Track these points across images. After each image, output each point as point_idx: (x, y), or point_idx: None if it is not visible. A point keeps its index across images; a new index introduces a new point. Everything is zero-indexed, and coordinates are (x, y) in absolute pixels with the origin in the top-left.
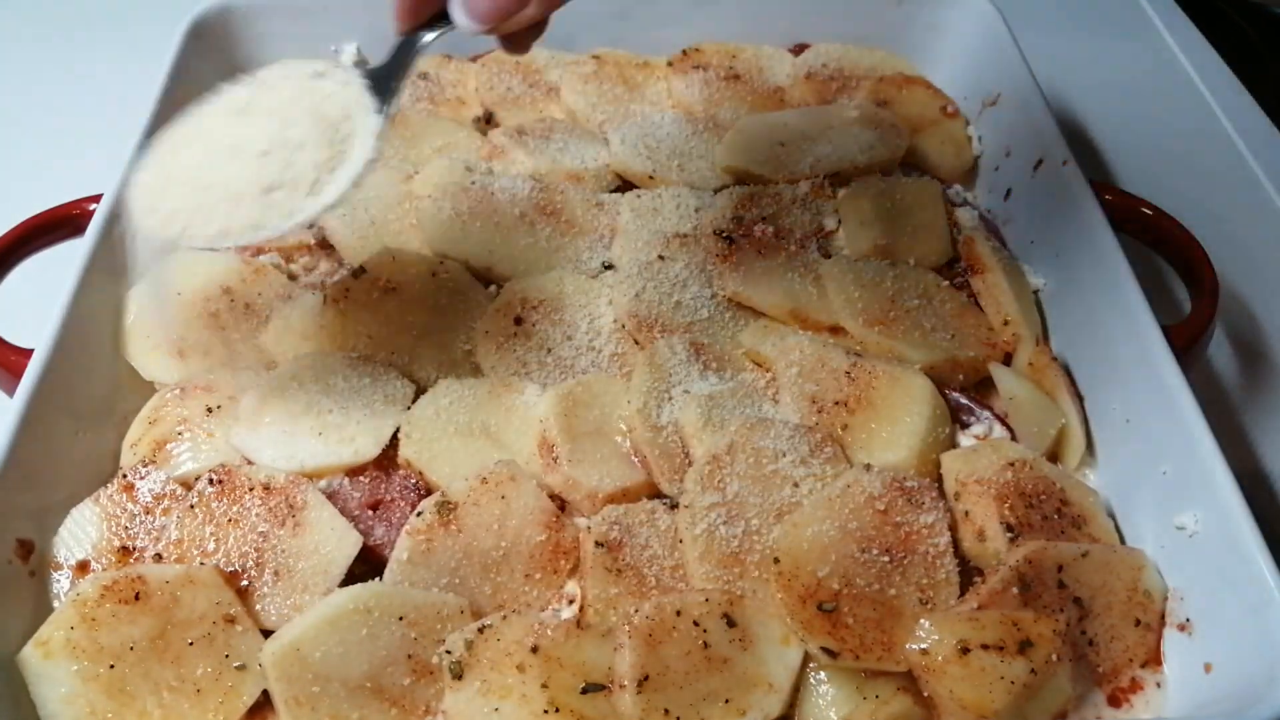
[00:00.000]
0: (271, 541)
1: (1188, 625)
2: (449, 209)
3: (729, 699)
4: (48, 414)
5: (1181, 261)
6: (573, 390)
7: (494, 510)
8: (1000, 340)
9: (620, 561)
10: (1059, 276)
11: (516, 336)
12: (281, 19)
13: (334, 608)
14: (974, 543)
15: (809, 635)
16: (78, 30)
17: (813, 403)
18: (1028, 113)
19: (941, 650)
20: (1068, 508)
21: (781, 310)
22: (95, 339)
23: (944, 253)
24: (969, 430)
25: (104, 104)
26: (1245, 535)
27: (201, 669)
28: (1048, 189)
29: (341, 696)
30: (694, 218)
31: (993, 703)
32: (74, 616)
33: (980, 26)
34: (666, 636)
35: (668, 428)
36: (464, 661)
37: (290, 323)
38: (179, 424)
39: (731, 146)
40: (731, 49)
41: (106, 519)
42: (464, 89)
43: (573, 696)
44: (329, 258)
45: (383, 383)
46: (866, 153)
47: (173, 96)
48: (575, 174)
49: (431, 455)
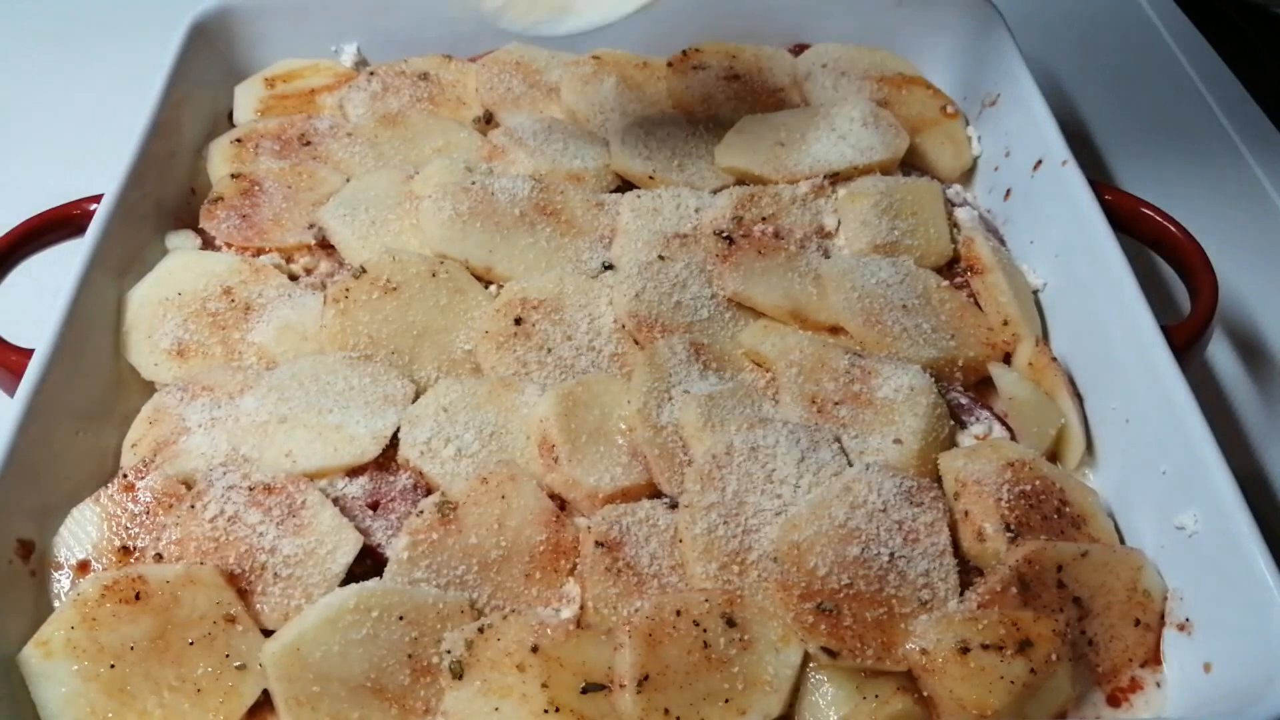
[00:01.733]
0: (272, 541)
1: (1187, 625)
2: (449, 209)
3: (729, 699)
4: (48, 414)
5: (1181, 262)
6: (573, 390)
7: (494, 510)
8: (1000, 340)
9: (620, 561)
10: (1059, 276)
11: (516, 336)
12: (281, 19)
13: (334, 607)
14: (974, 542)
15: (809, 635)
16: (78, 31)
17: (813, 403)
18: (1027, 113)
19: (941, 650)
20: (1067, 507)
21: (781, 310)
22: (95, 339)
23: (944, 253)
24: (969, 430)
25: (104, 104)
26: (1245, 535)
27: (202, 669)
28: (1047, 189)
29: (342, 696)
30: (694, 218)
31: (992, 702)
32: (74, 616)
33: (980, 27)
34: (666, 636)
35: (668, 428)
36: (464, 661)
37: (290, 323)
38: (179, 424)
39: (731, 146)
40: (731, 49)
41: (107, 519)
42: (464, 89)
43: (573, 696)
44: (329, 258)
45: (383, 383)
46: (866, 153)
47: (173, 96)
48: (575, 174)
49: (431, 455)
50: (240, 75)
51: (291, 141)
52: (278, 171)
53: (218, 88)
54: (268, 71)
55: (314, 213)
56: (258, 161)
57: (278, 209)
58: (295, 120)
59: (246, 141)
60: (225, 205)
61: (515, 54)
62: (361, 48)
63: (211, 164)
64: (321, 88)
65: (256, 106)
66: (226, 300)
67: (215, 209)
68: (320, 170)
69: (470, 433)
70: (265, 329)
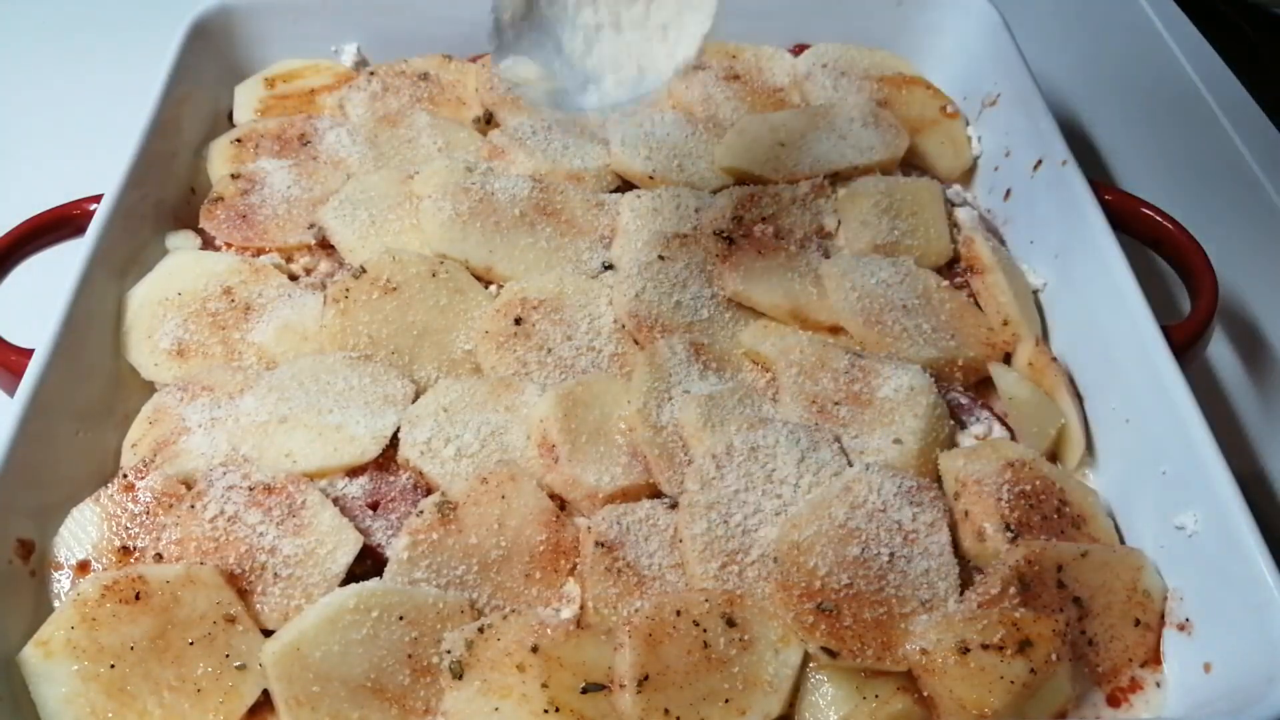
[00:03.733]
0: (272, 541)
1: (1187, 625)
2: (449, 209)
3: (729, 699)
4: (48, 414)
5: (1181, 261)
6: (573, 390)
7: (494, 510)
8: (1000, 340)
9: (620, 561)
10: (1059, 276)
11: (516, 336)
12: (282, 19)
13: (334, 607)
14: (973, 542)
15: (808, 635)
16: (79, 31)
17: (813, 402)
18: (1027, 113)
19: (941, 650)
20: (1067, 507)
21: (781, 310)
22: (95, 339)
23: (944, 253)
24: (969, 430)
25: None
26: (1244, 535)
27: (202, 669)
28: (1047, 189)
29: (342, 696)
30: (694, 218)
31: (992, 702)
32: (74, 616)
33: (980, 27)
34: (666, 636)
35: (668, 428)
36: (464, 661)
37: (290, 323)
38: (179, 424)
39: (731, 147)
40: (731, 49)
41: (107, 519)
42: (464, 89)
43: (573, 696)
44: (329, 258)
45: (383, 383)
46: (866, 153)
47: (173, 96)
48: (575, 174)
49: (431, 455)
50: (240, 75)
51: (291, 141)
52: (278, 172)
53: (218, 87)
54: (268, 71)
55: (314, 213)
56: (258, 162)
57: (278, 209)
58: (295, 120)
59: (246, 141)
60: (225, 205)
61: None
62: (362, 48)
63: (211, 164)
64: (322, 88)
65: (256, 106)
66: (226, 300)
67: (215, 209)
68: (320, 170)
69: (470, 433)
70: (265, 329)
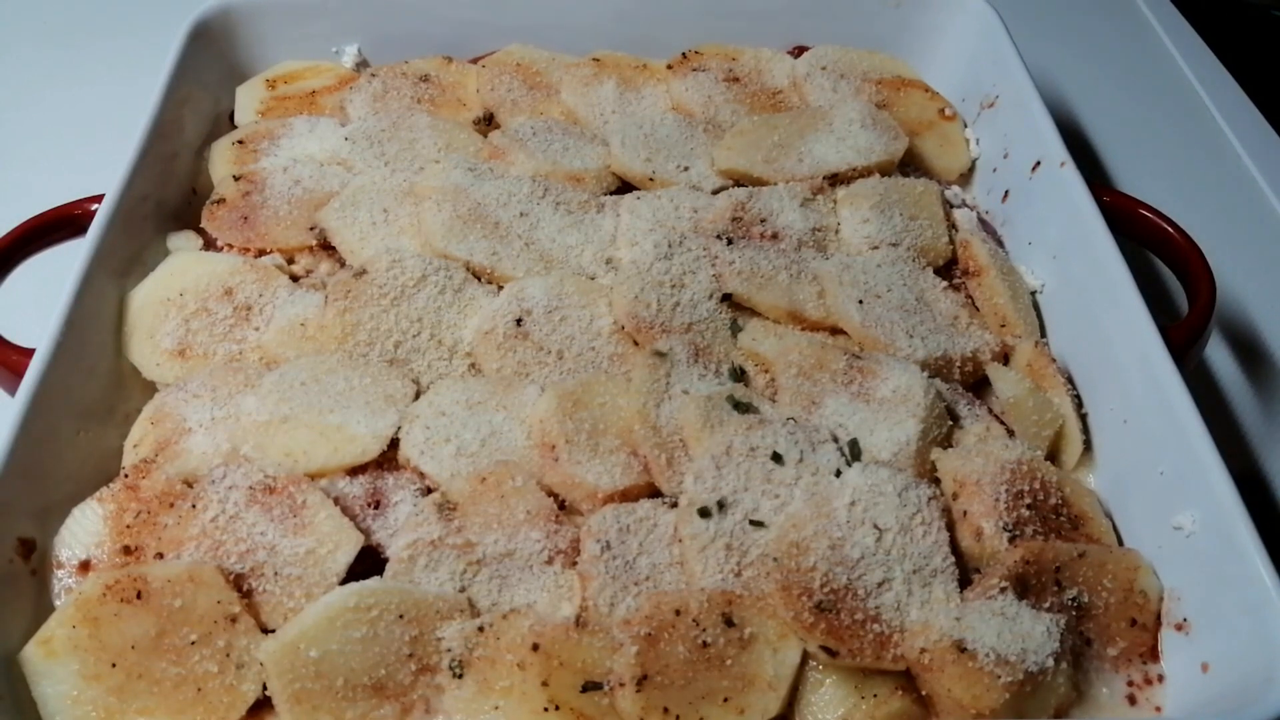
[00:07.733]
0: (272, 541)
1: (1185, 625)
2: (449, 210)
3: (728, 697)
4: (49, 413)
5: (1179, 263)
6: (572, 390)
7: (493, 510)
8: (999, 341)
9: (620, 561)
10: (1057, 277)
11: (516, 336)
12: (282, 20)
13: (334, 606)
14: (972, 542)
15: (807, 634)
16: (79, 31)
17: (812, 403)
18: (1025, 115)
19: (939, 649)
20: (1065, 508)
21: (780, 311)
22: (96, 339)
23: (942, 253)
24: (967, 430)
25: (105, 104)
26: (1242, 535)
27: (203, 668)
28: (1045, 191)
29: (342, 694)
30: (694, 218)
31: (990, 702)
32: (76, 615)
33: (978, 29)
34: (666, 635)
35: (667, 428)
36: (464, 659)
37: (291, 323)
38: (180, 423)
39: (731, 148)
40: (731, 51)
41: (108, 518)
42: (464, 90)
43: (572, 695)
44: (330, 258)
45: (383, 382)
46: (865, 154)
47: (173, 96)
48: (575, 175)
49: (431, 455)
50: (241, 76)
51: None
52: (279, 172)
53: (219, 88)
54: (269, 73)
55: (315, 213)
56: (259, 163)
57: (279, 210)
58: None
59: (248, 142)
60: (227, 206)
61: (515, 56)
62: (362, 49)
63: (213, 165)
64: (323, 89)
65: (258, 107)
66: (228, 301)
67: (217, 210)
68: (321, 171)
69: (470, 432)
70: (266, 329)
